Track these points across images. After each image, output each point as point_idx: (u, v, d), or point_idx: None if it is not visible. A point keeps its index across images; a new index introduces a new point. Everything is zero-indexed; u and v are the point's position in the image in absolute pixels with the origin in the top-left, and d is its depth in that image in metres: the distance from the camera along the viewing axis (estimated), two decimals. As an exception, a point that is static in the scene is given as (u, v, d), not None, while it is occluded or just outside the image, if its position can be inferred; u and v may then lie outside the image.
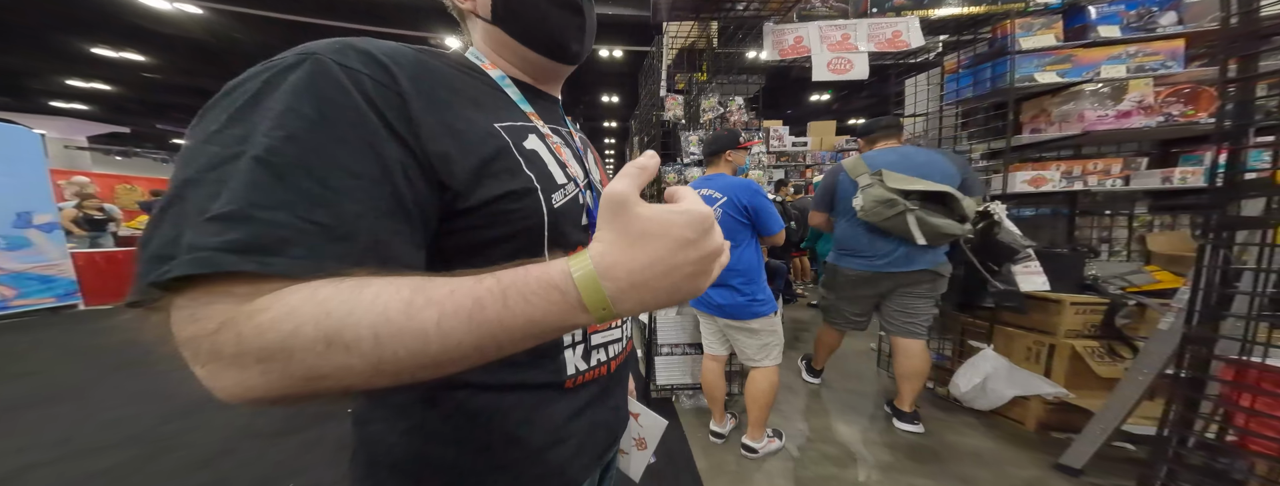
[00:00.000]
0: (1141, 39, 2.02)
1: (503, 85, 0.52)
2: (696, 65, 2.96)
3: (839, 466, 1.94)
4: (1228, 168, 1.45)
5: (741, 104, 2.91)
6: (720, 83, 2.92)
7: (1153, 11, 2.02)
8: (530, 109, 0.52)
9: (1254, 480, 1.37)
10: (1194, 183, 1.88)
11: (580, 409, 0.53)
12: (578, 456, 0.53)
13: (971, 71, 2.64)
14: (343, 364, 0.29)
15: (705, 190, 1.96)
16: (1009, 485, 1.81)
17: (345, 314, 0.29)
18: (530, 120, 0.51)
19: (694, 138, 2.85)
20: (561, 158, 0.51)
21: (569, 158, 0.53)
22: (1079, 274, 2.03)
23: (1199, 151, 2.04)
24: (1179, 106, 1.91)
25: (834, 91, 10.57)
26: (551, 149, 0.50)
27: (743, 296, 1.84)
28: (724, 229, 1.83)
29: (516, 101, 0.52)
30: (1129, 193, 2.20)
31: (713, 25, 2.79)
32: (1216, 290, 1.44)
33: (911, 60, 3.12)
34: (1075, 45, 2.17)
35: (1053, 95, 2.26)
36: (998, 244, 2.20)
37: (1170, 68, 1.97)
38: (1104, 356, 1.91)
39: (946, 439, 2.16)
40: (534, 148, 0.47)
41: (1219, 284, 1.44)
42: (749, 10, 2.54)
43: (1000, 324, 2.33)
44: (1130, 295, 1.90)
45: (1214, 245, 1.45)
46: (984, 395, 2.25)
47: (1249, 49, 1.43)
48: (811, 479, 1.86)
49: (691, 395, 2.63)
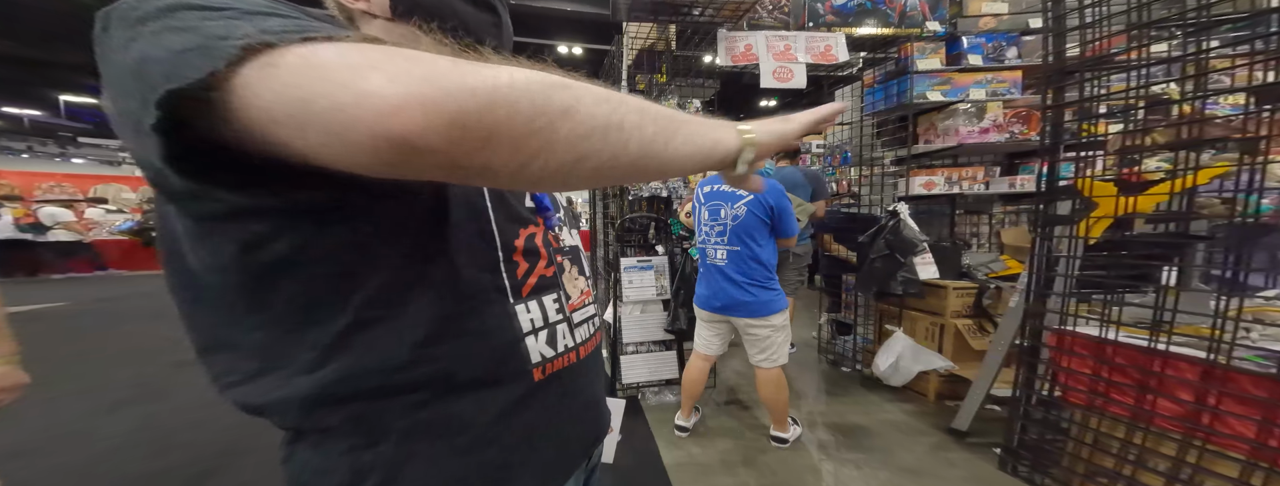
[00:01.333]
0: (994, 68, 2.42)
1: None
2: (656, 67, 2.99)
3: (790, 450, 2.12)
4: (1048, 176, 1.81)
5: (698, 107, 3.01)
6: (679, 85, 2.99)
7: (1003, 45, 2.42)
8: None
9: (1074, 427, 1.72)
10: (1029, 188, 2.29)
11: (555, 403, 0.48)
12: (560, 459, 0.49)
13: (882, 87, 2.99)
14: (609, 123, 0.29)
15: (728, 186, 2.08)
16: (919, 451, 2.11)
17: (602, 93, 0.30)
18: None
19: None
20: None
21: None
22: (958, 263, 2.40)
23: (1031, 163, 2.47)
24: (1019, 126, 2.32)
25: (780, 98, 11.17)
26: None
27: (768, 293, 1.96)
28: (748, 226, 1.96)
29: None
30: (989, 195, 2.64)
31: (671, 28, 2.84)
32: (1043, 274, 1.80)
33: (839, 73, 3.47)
34: (953, 69, 2.55)
35: (938, 112, 2.63)
36: (903, 239, 2.55)
37: (1013, 94, 2.39)
38: (977, 332, 2.28)
39: (873, 415, 2.46)
40: None
41: (1044, 269, 1.80)
42: (704, 16, 2.64)
43: (907, 308, 2.69)
44: (992, 280, 2.28)
45: (1040, 238, 1.81)
46: (897, 372, 2.59)
47: (1058, 82, 1.80)
48: (767, 462, 2.03)
49: (657, 391, 2.70)
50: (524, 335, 0.46)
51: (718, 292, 2.03)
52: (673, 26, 2.82)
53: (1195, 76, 1.36)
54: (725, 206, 2.03)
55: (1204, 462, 1.31)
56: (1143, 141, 1.47)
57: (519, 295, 0.46)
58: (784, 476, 1.94)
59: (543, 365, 0.47)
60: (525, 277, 0.46)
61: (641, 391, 2.71)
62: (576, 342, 0.51)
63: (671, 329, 2.60)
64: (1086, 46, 1.68)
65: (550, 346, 0.48)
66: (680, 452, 2.13)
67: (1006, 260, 2.36)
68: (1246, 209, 1.18)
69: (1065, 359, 1.72)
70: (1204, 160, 1.31)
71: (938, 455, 2.09)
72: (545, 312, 0.48)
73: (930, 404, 2.55)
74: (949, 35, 2.65)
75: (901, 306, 2.70)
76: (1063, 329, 1.72)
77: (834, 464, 2.03)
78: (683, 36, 2.91)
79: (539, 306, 0.47)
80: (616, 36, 2.93)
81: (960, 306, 2.37)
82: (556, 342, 0.49)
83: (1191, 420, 1.32)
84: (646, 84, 3.05)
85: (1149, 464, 1.44)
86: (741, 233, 1.97)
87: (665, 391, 2.70)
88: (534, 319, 0.47)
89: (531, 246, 0.48)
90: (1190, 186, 1.32)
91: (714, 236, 2.04)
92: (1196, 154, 1.32)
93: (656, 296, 2.66)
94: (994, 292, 2.29)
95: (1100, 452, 1.58)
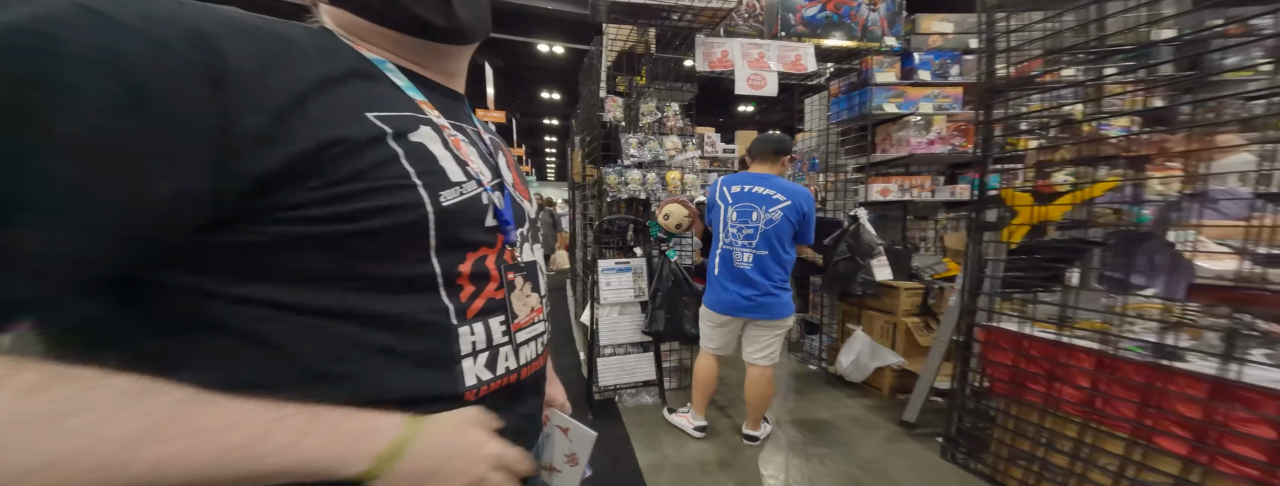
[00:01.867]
0: (940, 84, 2.61)
1: (386, 69, 0.44)
2: (636, 69, 3.00)
3: (761, 449, 2.21)
4: (980, 186, 1.98)
5: (677, 110, 3.05)
6: (658, 88, 2.99)
7: (948, 62, 2.61)
8: (421, 98, 0.45)
9: (999, 415, 1.89)
10: (965, 196, 2.48)
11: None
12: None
13: (846, 97, 3.15)
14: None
15: (761, 188, 1.99)
16: (876, 443, 2.26)
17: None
18: (422, 110, 0.44)
19: (634, 140, 2.91)
20: (461, 154, 0.45)
21: (472, 155, 0.47)
22: (909, 265, 2.58)
23: (968, 173, 2.65)
24: (959, 138, 2.50)
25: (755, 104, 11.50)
26: (448, 143, 0.44)
27: (786, 294, 2.01)
28: (780, 231, 1.95)
29: (403, 88, 0.44)
30: (935, 202, 2.84)
31: (651, 31, 2.85)
32: (975, 275, 1.97)
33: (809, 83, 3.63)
34: (906, 83, 2.73)
35: (894, 123, 2.81)
36: (863, 242, 2.71)
37: (955, 109, 2.58)
38: (924, 330, 2.45)
39: (837, 410, 2.61)
40: (421, 140, 0.41)
41: (976, 270, 1.97)
42: (683, 21, 2.67)
43: (866, 308, 2.86)
44: (936, 281, 2.46)
45: (973, 242, 1.98)
46: (857, 369, 2.75)
47: (989, 100, 1.97)
48: (741, 461, 2.11)
49: (634, 393, 2.74)
50: (461, 357, 0.44)
51: (739, 295, 1.99)
52: (652, 30, 2.85)
53: (1095, 99, 1.53)
54: (758, 209, 1.99)
55: (1098, 442, 1.48)
56: (1053, 156, 1.64)
57: (464, 317, 0.44)
58: (756, 475, 2.04)
59: (477, 388, 0.45)
60: (470, 301, 0.45)
61: (619, 393, 2.72)
62: (518, 364, 0.50)
63: (649, 331, 2.59)
64: (1011, 68, 1.85)
65: (488, 369, 0.46)
66: (655, 454, 2.18)
67: (948, 262, 2.54)
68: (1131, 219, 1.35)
69: (992, 352, 1.89)
70: (1100, 175, 1.48)
71: (890, 446, 2.24)
72: (490, 335, 0.46)
73: (886, 398, 2.72)
74: (903, 51, 2.82)
75: (861, 306, 2.87)
76: (990, 325, 1.89)
77: (801, 460, 2.14)
78: (662, 40, 2.95)
79: (484, 328, 0.46)
80: (596, 37, 2.92)
81: (910, 305, 2.54)
82: (495, 365, 0.47)
83: (1088, 404, 1.49)
84: (626, 85, 3.07)
85: (1057, 445, 1.61)
86: (772, 237, 1.95)
87: (642, 393, 2.74)
88: (476, 341, 0.45)
89: (481, 270, 0.46)
90: (1089, 198, 1.49)
91: (742, 239, 2.00)
92: (1094, 169, 1.49)
93: (634, 298, 2.67)
94: (938, 292, 2.47)
95: (1019, 437, 1.74)
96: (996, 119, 1.96)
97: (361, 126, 0.37)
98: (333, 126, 0.35)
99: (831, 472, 2.05)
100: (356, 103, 0.38)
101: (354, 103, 0.38)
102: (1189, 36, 1.37)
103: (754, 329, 2.07)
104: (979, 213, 1.97)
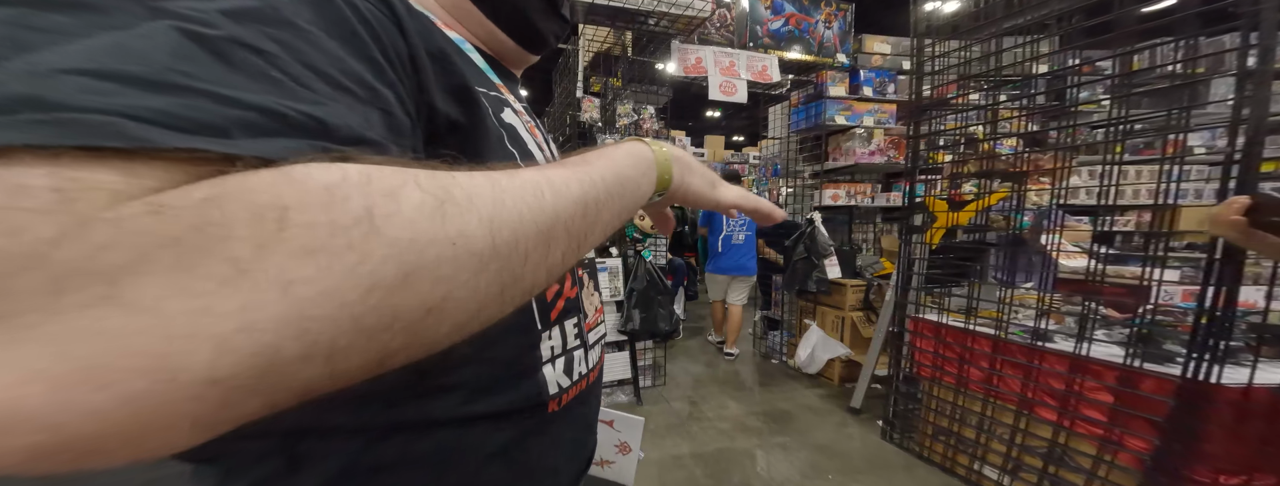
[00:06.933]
0: (879, 100, 2.89)
1: (465, 49, 0.41)
2: (612, 70, 3.03)
3: (729, 441, 2.38)
4: (909, 194, 2.23)
5: (652, 113, 3.07)
6: (633, 91, 3.05)
7: (886, 81, 2.88)
8: (499, 81, 0.43)
9: (924, 396, 2.14)
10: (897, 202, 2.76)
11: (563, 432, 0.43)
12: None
13: (805, 108, 3.39)
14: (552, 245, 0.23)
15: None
16: (828, 428, 2.48)
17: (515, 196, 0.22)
18: (502, 92, 0.42)
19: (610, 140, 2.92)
20: (537, 139, 0.43)
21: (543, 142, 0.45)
22: (854, 264, 2.84)
23: (900, 182, 2.92)
24: (893, 151, 2.77)
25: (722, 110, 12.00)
26: (527, 128, 0.42)
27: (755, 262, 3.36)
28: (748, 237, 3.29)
29: (484, 70, 0.42)
30: (874, 208, 3.15)
31: (628, 34, 2.91)
32: (905, 273, 2.22)
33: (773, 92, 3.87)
34: (853, 98, 2.99)
35: (843, 134, 3.07)
36: (817, 243, 2.96)
37: (890, 123, 2.86)
38: (866, 323, 2.71)
39: (795, 400, 2.83)
40: (512, 122, 0.40)
41: (906, 268, 2.22)
42: (660, 26, 2.74)
43: (819, 304, 3.11)
44: (875, 278, 2.73)
45: (903, 243, 2.24)
46: (813, 361, 3.00)
47: (917, 117, 2.23)
48: (712, 454, 2.25)
49: (609, 392, 2.78)
50: (543, 363, 0.40)
51: (737, 262, 3.30)
52: (629, 33, 2.94)
53: (992, 122, 1.79)
54: None
55: (996, 415, 1.73)
56: (962, 169, 1.90)
57: (547, 321, 0.40)
58: (726, 465, 2.20)
59: (559, 397, 0.41)
60: (553, 301, 0.41)
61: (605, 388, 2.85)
62: (588, 368, 0.46)
63: (625, 330, 2.61)
64: (934, 90, 2.11)
65: (567, 375, 0.42)
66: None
67: (885, 261, 2.81)
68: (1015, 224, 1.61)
69: (918, 341, 2.14)
70: (995, 187, 1.74)
71: (840, 431, 2.47)
72: (566, 338, 0.42)
73: (836, 387, 2.97)
74: (851, 68, 3.09)
75: (815, 302, 3.12)
76: (917, 317, 2.14)
77: (765, 449, 2.33)
78: (639, 43, 3.04)
79: (561, 332, 0.42)
80: (573, 37, 2.99)
81: (855, 301, 2.80)
82: (572, 370, 0.43)
83: (988, 382, 1.74)
84: (602, 86, 3.13)
85: (967, 420, 1.86)
86: (752, 225, 3.18)
87: (617, 391, 2.81)
88: (554, 346, 0.41)
89: None
90: (986, 206, 1.75)
91: (741, 227, 3.28)
92: (990, 181, 1.75)
93: (611, 298, 2.69)
94: (877, 289, 2.73)
95: (939, 415, 1.99)
96: (923, 134, 2.22)
97: (477, 104, 0.35)
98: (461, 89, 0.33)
99: (792, 458, 2.24)
100: (465, 74, 0.34)
101: (463, 73, 0.34)
102: (1057, 72, 1.63)
103: (737, 282, 3.35)
104: (908, 217, 2.22)
